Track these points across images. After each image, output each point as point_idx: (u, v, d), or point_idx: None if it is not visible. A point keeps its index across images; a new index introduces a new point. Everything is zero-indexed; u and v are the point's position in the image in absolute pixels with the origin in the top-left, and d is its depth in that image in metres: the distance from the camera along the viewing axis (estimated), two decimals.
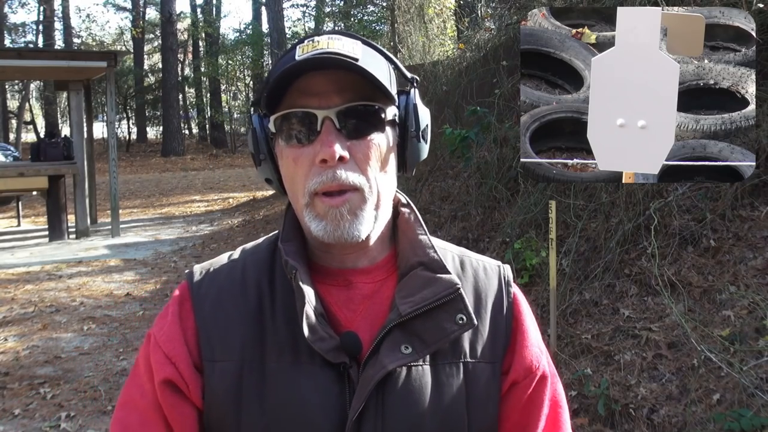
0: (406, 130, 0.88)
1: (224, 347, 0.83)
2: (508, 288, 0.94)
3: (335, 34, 0.85)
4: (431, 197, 6.72)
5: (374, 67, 0.82)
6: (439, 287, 0.84)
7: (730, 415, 2.61)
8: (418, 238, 0.89)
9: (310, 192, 0.82)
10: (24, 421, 3.77)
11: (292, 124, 0.82)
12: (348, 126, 0.81)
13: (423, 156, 0.92)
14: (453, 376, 0.84)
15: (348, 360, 0.81)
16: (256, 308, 0.85)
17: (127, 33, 31.46)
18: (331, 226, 0.81)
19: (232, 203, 13.13)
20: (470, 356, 0.86)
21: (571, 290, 3.97)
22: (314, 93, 0.81)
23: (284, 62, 0.83)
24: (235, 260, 0.91)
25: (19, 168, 9.85)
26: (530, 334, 0.92)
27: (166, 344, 0.85)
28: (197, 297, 0.87)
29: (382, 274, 0.89)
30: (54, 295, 6.45)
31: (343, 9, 21.53)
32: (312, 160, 0.81)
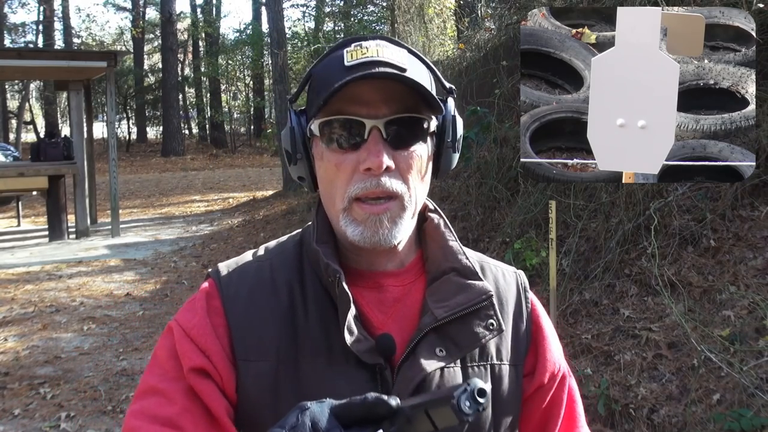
0: (443, 140, 0.90)
1: (259, 348, 0.84)
2: (525, 293, 0.97)
3: (382, 40, 0.86)
4: (431, 197, 6.71)
5: (420, 77, 0.83)
6: (472, 293, 0.87)
7: (730, 415, 2.61)
8: (449, 244, 0.93)
9: (350, 197, 0.83)
10: (24, 421, 3.77)
11: (337, 129, 0.83)
12: (394, 136, 0.83)
13: (454, 164, 0.94)
14: (481, 377, 0.87)
15: (383, 361, 0.83)
16: (288, 309, 0.86)
17: (127, 33, 31.45)
18: (369, 232, 0.83)
19: (232, 203, 13.14)
20: (496, 359, 0.89)
21: (571, 290, 3.97)
22: (363, 101, 0.82)
23: (332, 66, 0.84)
24: (262, 260, 0.92)
25: (19, 168, 9.85)
26: (551, 339, 0.95)
27: (198, 337, 0.84)
28: (227, 296, 0.87)
29: (411, 277, 0.91)
30: (54, 295, 6.45)
31: (343, 9, 21.54)
32: (355, 167, 0.82)
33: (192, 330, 0.85)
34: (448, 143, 0.90)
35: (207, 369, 0.83)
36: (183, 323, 0.86)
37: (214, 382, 0.83)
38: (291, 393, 0.82)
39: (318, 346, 0.84)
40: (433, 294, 0.88)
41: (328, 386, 0.82)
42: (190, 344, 0.84)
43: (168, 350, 0.86)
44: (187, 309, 0.88)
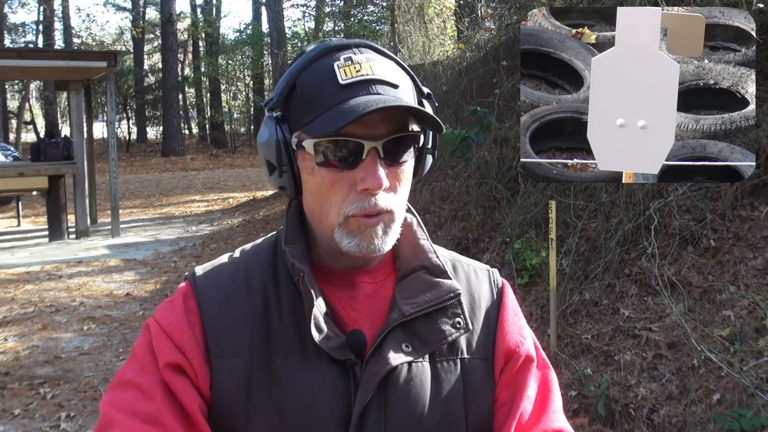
0: (423, 147, 0.92)
1: (232, 345, 0.85)
2: (497, 288, 0.98)
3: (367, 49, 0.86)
4: (431, 197, 6.72)
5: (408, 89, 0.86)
6: (440, 291, 0.89)
7: (730, 415, 2.61)
8: (420, 243, 0.94)
9: (345, 215, 0.84)
10: (24, 421, 3.77)
11: (333, 148, 0.83)
12: (389, 154, 0.84)
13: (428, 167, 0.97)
14: (451, 372, 0.88)
15: (354, 357, 0.85)
16: (263, 308, 0.87)
17: (127, 33, 31.46)
18: (365, 243, 0.84)
19: (232, 203, 13.13)
20: (467, 353, 0.90)
21: (571, 290, 3.97)
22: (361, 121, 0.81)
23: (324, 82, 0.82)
24: (237, 261, 0.93)
25: (19, 168, 9.84)
26: (509, 321, 0.96)
27: (175, 333, 0.85)
28: (203, 297, 0.88)
29: (383, 275, 0.93)
30: (54, 295, 6.45)
31: (343, 9, 21.54)
32: (351, 185, 0.83)
33: (169, 326, 0.86)
34: (428, 149, 0.92)
35: (182, 365, 0.83)
36: (160, 320, 0.87)
37: (189, 378, 0.83)
38: (264, 390, 0.84)
39: (291, 343, 0.85)
40: (402, 291, 0.90)
41: (301, 382, 0.83)
42: (166, 340, 0.85)
43: (145, 346, 0.87)
44: (165, 308, 0.90)
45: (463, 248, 5.29)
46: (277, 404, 0.83)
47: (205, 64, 27.37)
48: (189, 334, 0.85)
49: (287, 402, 0.83)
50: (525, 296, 4.28)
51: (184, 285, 0.91)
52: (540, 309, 3.99)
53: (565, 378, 3.30)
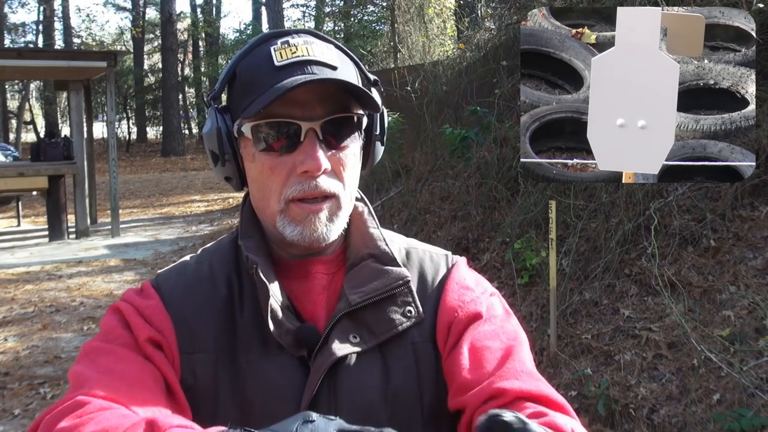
0: (371, 133, 0.90)
1: (198, 339, 0.84)
2: (451, 270, 0.93)
3: (305, 34, 0.85)
4: (431, 197, 6.72)
5: (350, 73, 0.83)
6: (388, 279, 0.87)
7: (730, 415, 2.61)
8: (369, 231, 0.92)
9: (286, 199, 0.82)
10: (24, 421, 3.77)
11: (270, 131, 0.82)
12: (329, 136, 0.82)
13: (380, 156, 0.94)
14: (402, 358, 0.86)
15: (306, 352, 0.83)
16: (227, 302, 0.86)
17: (127, 33, 31.46)
18: (308, 231, 0.83)
19: (232, 203, 13.13)
20: (419, 337, 0.87)
21: (571, 290, 3.97)
22: (297, 102, 0.81)
23: (260, 65, 0.82)
24: (200, 259, 0.92)
25: (19, 168, 9.84)
26: (450, 291, 0.90)
27: (152, 317, 0.84)
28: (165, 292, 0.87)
29: (336, 265, 0.91)
30: (54, 295, 6.45)
31: (343, 9, 21.55)
32: (291, 169, 0.82)
33: (146, 310, 0.84)
34: (376, 136, 0.90)
35: (161, 343, 0.82)
36: (134, 303, 0.85)
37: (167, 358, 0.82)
38: (228, 384, 0.83)
39: (253, 337, 0.84)
40: (350, 280, 0.88)
41: (264, 375, 0.83)
42: (142, 321, 0.83)
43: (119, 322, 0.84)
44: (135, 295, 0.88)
45: (463, 248, 5.29)
46: (240, 399, 0.83)
47: (205, 64, 27.37)
48: (167, 321, 0.84)
49: (250, 396, 0.83)
50: (525, 296, 4.28)
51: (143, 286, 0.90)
52: (540, 309, 3.99)
53: (565, 378, 3.30)
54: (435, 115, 7.10)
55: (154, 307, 0.85)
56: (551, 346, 3.50)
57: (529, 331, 3.87)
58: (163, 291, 0.87)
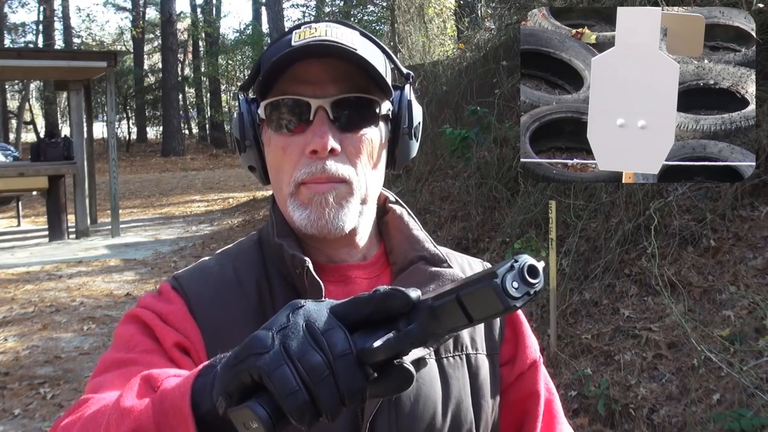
0: (399, 127, 0.86)
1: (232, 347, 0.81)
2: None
3: (333, 22, 0.83)
4: (431, 197, 6.72)
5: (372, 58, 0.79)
6: (443, 281, 0.83)
7: (730, 415, 2.61)
8: (414, 234, 0.88)
9: (296, 181, 0.80)
10: (24, 421, 3.77)
11: (282, 111, 0.80)
12: (341, 117, 0.79)
13: (413, 154, 0.90)
14: (458, 368, 0.85)
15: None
16: (258, 308, 0.82)
17: (127, 33, 31.45)
18: (315, 215, 0.79)
19: (232, 203, 13.13)
20: (471, 348, 0.86)
21: (571, 290, 3.97)
22: (309, 81, 0.79)
23: (279, 47, 0.80)
24: (223, 263, 0.87)
25: (19, 168, 9.84)
26: (526, 327, 0.93)
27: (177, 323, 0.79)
28: (191, 297, 0.82)
29: (377, 269, 0.88)
30: (54, 295, 6.45)
31: (343, 9, 21.54)
32: (301, 150, 0.79)
33: (169, 315, 0.80)
34: (404, 129, 0.86)
35: (189, 348, 0.77)
36: (155, 308, 0.81)
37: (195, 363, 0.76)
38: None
39: None
40: (402, 284, 0.83)
41: None
42: (167, 327, 0.78)
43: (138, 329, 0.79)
44: (155, 299, 0.83)
45: (463, 248, 5.29)
46: None
47: (205, 64, 27.36)
48: (193, 325, 0.79)
49: None
50: None
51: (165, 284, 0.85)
52: (540, 309, 3.99)
53: (565, 378, 3.30)
54: (435, 115, 7.10)
55: (178, 311, 0.80)
56: (551, 346, 3.50)
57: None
58: (189, 295, 0.82)
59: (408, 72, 0.88)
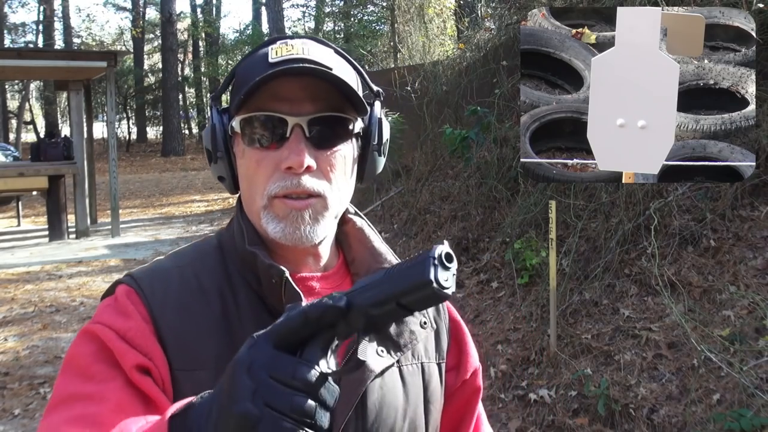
0: (369, 143, 0.89)
1: (196, 357, 0.79)
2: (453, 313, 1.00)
3: (308, 39, 0.86)
4: (431, 197, 6.72)
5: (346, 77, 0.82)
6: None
7: (730, 415, 2.61)
8: (376, 246, 0.92)
9: (269, 195, 0.81)
10: (24, 421, 3.77)
11: (258, 126, 0.82)
12: (317, 135, 0.81)
13: (379, 169, 0.93)
14: (415, 376, 0.89)
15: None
16: (222, 316, 0.82)
17: (127, 33, 31.45)
18: (291, 228, 0.81)
19: (232, 203, 13.12)
20: (425, 357, 0.92)
21: (571, 290, 3.97)
22: (286, 98, 0.81)
23: (256, 63, 0.83)
24: (182, 267, 0.86)
25: (19, 168, 9.84)
26: (468, 336, 1.00)
27: (137, 339, 0.77)
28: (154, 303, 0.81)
29: (338, 279, 0.91)
30: (54, 295, 6.45)
31: (343, 9, 21.55)
32: (276, 165, 0.81)
33: (128, 332, 0.77)
34: (373, 146, 0.89)
35: (150, 369, 0.76)
36: (114, 326, 0.78)
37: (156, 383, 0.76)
38: None
39: None
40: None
41: None
42: (127, 346, 0.76)
43: (93, 354, 0.76)
44: (113, 312, 0.80)
45: (463, 248, 5.29)
46: None
47: (205, 64, 27.37)
48: (153, 341, 0.77)
49: None
50: (525, 296, 4.28)
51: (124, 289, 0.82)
52: (540, 309, 3.99)
53: (565, 378, 3.30)
54: (435, 115, 7.10)
55: (138, 328, 0.78)
56: (551, 346, 3.50)
57: (530, 331, 3.87)
58: (151, 301, 0.81)
59: (378, 89, 0.92)
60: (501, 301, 4.47)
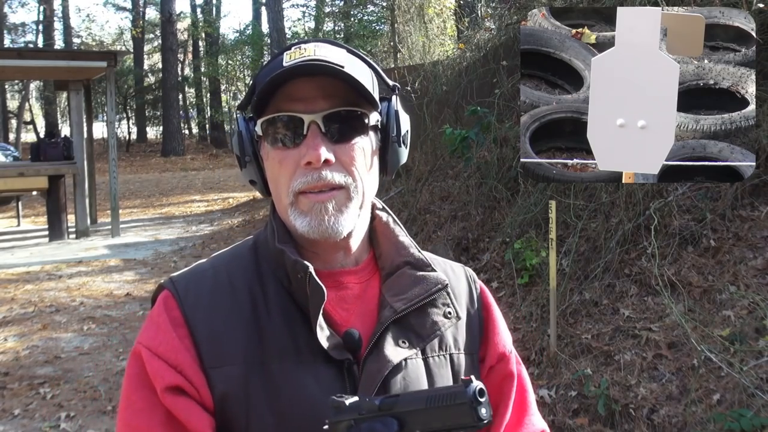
0: (388, 136, 0.92)
1: (226, 353, 0.84)
2: (474, 283, 1.01)
3: (321, 42, 0.89)
4: (431, 197, 6.72)
5: (358, 74, 0.86)
6: (428, 284, 0.91)
7: (730, 415, 2.61)
8: (400, 240, 0.95)
9: (294, 191, 0.85)
10: (24, 421, 3.77)
11: (278, 127, 0.86)
12: (333, 130, 0.85)
13: (403, 160, 0.96)
14: (443, 367, 0.91)
15: (351, 356, 0.85)
16: (251, 312, 0.87)
17: (127, 33, 31.45)
18: (316, 221, 0.85)
19: (232, 203, 13.13)
20: (454, 348, 0.93)
21: (571, 290, 3.96)
22: (301, 98, 0.85)
23: (272, 68, 0.87)
24: (217, 266, 0.92)
25: (19, 168, 9.85)
26: (499, 322, 1.00)
27: (167, 353, 0.84)
28: (187, 305, 0.87)
29: (367, 274, 0.94)
30: (54, 295, 6.45)
31: (343, 9, 21.55)
32: (297, 162, 0.85)
33: (159, 347, 0.84)
34: (393, 138, 0.92)
35: (182, 386, 0.82)
36: (148, 343, 0.85)
37: (191, 397, 0.82)
38: (262, 395, 0.83)
39: (285, 346, 0.85)
40: (390, 288, 0.91)
41: (298, 383, 0.83)
42: (159, 362, 0.83)
43: (135, 379, 0.85)
44: (149, 327, 0.88)
45: (463, 248, 5.29)
46: (275, 408, 0.83)
47: (205, 64, 27.36)
48: (182, 350, 0.84)
49: (285, 405, 0.82)
50: (525, 296, 4.28)
51: (164, 294, 0.89)
52: (540, 309, 3.99)
53: (565, 378, 3.30)
54: (435, 115, 7.10)
55: (167, 341, 0.84)
56: (551, 346, 3.50)
57: (530, 331, 3.87)
58: (185, 307, 0.87)
59: (394, 84, 0.96)
60: (501, 301, 4.47)
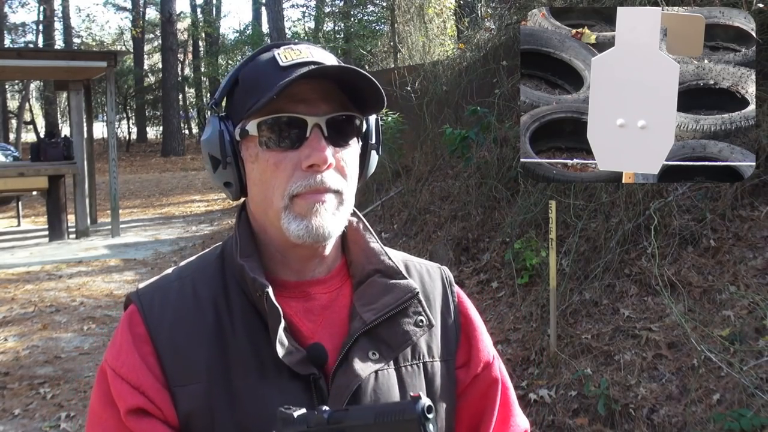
0: (367, 142, 0.91)
1: (190, 370, 0.82)
2: (451, 288, 0.98)
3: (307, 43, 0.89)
4: (431, 197, 6.72)
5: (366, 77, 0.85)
6: (398, 293, 0.88)
7: (730, 415, 2.61)
8: (370, 246, 0.93)
9: (290, 194, 0.82)
10: (24, 421, 3.77)
11: (276, 127, 0.83)
12: (333, 133, 0.84)
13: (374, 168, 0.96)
14: (415, 376, 0.88)
15: (316, 371, 0.83)
16: (215, 326, 0.84)
17: (127, 33, 31.44)
18: (314, 223, 0.82)
19: (232, 203, 13.09)
20: (428, 356, 0.90)
21: (571, 290, 3.96)
22: (301, 99, 0.83)
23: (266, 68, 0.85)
24: (183, 278, 0.90)
25: (19, 168, 9.84)
26: (481, 329, 0.98)
27: (129, 374, 0.82)
28: (152, 322, 0.85)
29: (337, 283, 0.91)
30: (54, 295, 6.45)
31: (343, 9, 21.54)
32: (296, 164, 0.82)
33: (122, 368, 0.83)
34: (372, 145, 0.92)
35: (144, 407, 0.81)
36: (112, 363, 0.84)
37: (155, 417, 0.81)
38: (227, 411, 0.81)
39: (249, 361, 0.83)
40: (360, 298, 0.88)
41: (262, 400, 0.81)
42: (122, 384, 0.82)
43: (101, 398, 0.84)
44: (113, 345, 0.86)
45: (463, 248, 5.29)
46: (241, 425, 0.81)
47: (205, 64, 27.35)
48: (144, 370, 0.82)
49: (250, 422, 0.80)
50: (525, 296, 4.28)
51: (130, 309, 0.87)
52: (540, 309, 3.99)
53: (565, 378, 3.30)
54: (435, 115, 7.10)
55: (130, 363, 0.83)
56: (551, 346, 3.50)
57: (530, 331, 3.87)
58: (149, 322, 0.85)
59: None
60: (501, 301, 4.47)
